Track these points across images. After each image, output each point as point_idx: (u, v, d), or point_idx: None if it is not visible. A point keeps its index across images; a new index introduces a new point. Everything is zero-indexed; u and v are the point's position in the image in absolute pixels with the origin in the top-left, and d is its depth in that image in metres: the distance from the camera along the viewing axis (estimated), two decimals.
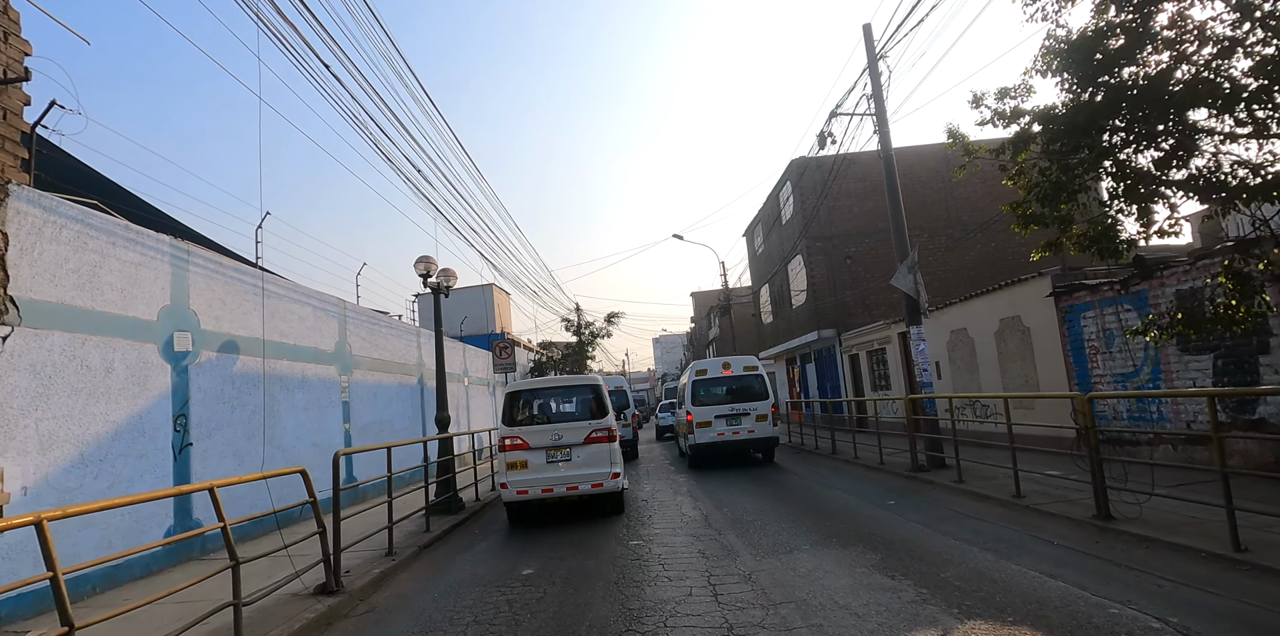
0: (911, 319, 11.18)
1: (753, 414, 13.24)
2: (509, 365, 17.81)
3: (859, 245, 21.37)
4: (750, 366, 13.97)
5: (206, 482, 4.50)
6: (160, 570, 7.04)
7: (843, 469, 12.25)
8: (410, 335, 15.85)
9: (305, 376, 10.55)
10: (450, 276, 11.02)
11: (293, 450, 9.86)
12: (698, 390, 13.71)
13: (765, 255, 27.68)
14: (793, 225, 22.77)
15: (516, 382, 10.70)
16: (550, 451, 8.40)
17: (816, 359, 23.51)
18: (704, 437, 13.25)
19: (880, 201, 21.34)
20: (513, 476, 8.35)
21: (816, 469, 12.58)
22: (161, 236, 7.71)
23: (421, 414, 16.16)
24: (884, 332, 16.96)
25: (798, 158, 21.80)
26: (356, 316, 12.88)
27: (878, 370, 17.92)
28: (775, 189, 24.72)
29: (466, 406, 20.35)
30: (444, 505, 9.81)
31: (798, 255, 22.37)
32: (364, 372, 12.89)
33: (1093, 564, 5.17)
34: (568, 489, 8.29)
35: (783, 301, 25.42)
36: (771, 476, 12.00)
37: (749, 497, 9.68)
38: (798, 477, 11.61)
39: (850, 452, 13.64)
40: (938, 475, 9.83)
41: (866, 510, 8.10)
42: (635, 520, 8.55)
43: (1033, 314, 10.92)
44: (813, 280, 21.22)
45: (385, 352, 14.07)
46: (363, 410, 12.62)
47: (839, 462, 13.15)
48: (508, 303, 41.99)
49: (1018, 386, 11.48)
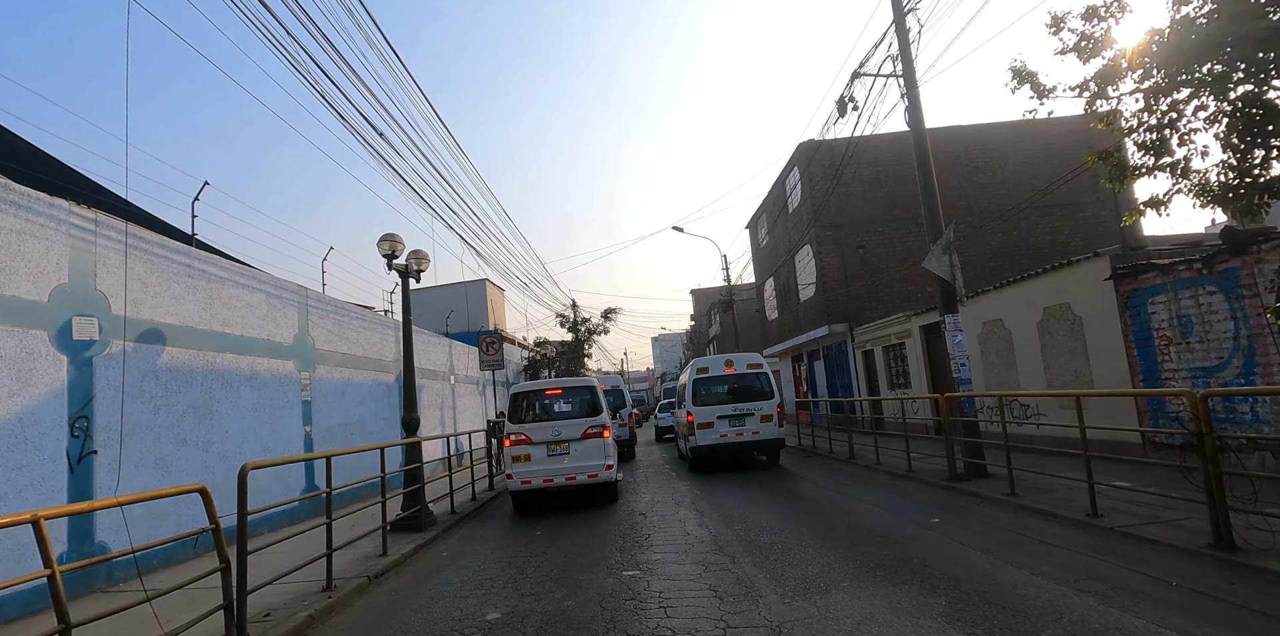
0: (946, 306, 9.87)
1: (757, 414, 12.41)
2: (496, 361, 16.49)
3: (872, 234, 20.05)
4: (754, 364, 13.01)
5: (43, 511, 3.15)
6: (43, 610, 5.70)
7: (865, 476, 10.93)
8: (387, 329, 14.52)
9: (256, 372, 9.22)
10: (422, 259, 9.70)
11: (237, 457, 8.53)
12: (699, 389, 12.86)
13: (770, 247, 26.37)
14: (800, 214, 21.46)
15: (520, 384, 11.25)
16: (550, 446, 9.48)
17: (826, 356, 22.19)
18: (705, 439, 12.40)
19: (895, 188, 20.05)
20: (517, 468, 9.45)
21: (835, 476, 11.25)
22: (58, 201, 6.37)
23: (399, 414, 14.84)
24: (903, 326, 15.65)
25: (806, 141, 20.49)
26: (322, 306, 11.55)
27: (895, 366, 16.60)
28: (781, 176, 23.40)
29: (453, 406, 19.04)
30: (410, 521, 8.49)
31: (806, 245, 21.05)
32: (331, 369, 11.56)
33: (1251, 620, 3.85)
34: (566, 479, 9.37)
35: (789, 295, 24.10)
36: (784, 484, 10.68)
37: (763, 511, 8.37)
38: (815, 486, 10.29)
39: (870, 457, 12.34)
40: (981, 485, 8.52)
41: (907, 529, 6.78)
42: (631, 541, 7.23)
43: (1086, 300, 9.61)
44: (822, 272, 19.91)
45: (356, 347, 12.74)
46: (328, 410, 11.29)
47: (859, 469, 11.83)
48: (502, 299, 40.68)
49: (1065, 383, 10.17)
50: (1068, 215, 20.07)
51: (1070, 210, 20.01)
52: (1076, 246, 20.16)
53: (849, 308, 19.74)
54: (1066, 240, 20.05)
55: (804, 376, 24.54)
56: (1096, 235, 20.03)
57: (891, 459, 11.90)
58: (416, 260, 9.70)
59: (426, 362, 16.84)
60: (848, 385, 20.31)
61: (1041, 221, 20.07)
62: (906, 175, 20.20)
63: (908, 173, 20.54)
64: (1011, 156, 20.27)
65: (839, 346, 20.79)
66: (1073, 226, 20.11)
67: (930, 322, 14.40)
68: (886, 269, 19.81)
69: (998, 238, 19.93)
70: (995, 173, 20.24)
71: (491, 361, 16.50)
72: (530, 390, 10.34)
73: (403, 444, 8.78)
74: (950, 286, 9.78)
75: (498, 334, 16.79)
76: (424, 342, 16.76)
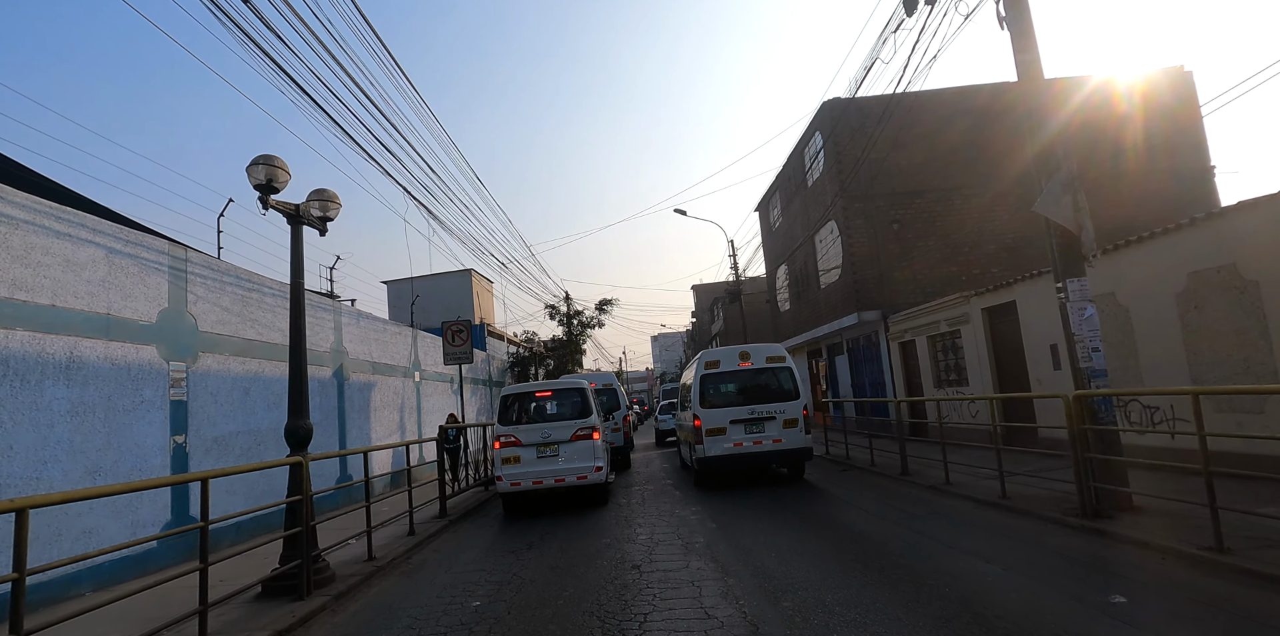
0: (1067, 268, 7.04)
1: (779, 418, 10.29)
2: (464, 354, 13.69)
3: (909, 207, 17.22)
4: (775, 357, 10.80)
5: None
6: None
7: (941, 505, 8.09)
8: (321, 311, 11.68)
9: (78, 360, 6.39)
10: (328, 204, 6.89)
11: (31, 485, 5.71)
12: (708, 387, 10.72)
13: (784, 230, 23.54)
14: (823, 186, 18.63)
15: (511, 386, 11.20)
16: (540, 447, 9.52)
17: (851, 349, 19.35)
18: (716, 449, 10.31)
19: (936, 153, 17.16)
20: (507, 469, 9.50)
21: (895, 503, 8.43)
22: None
23: (340, 418, 12.00)
24: (958, 310, 12.81)
25: (831, 100, 17.66)
26: (211, 275, 8.72)
27: (946, 360, 13.77)
28: (799, 144, 20.57)
29: (416, 408, 16.21)
30: (286, 582, 5.66)
31: (830, 222, 18.22)
32: (226, 359, 8.74)
33: None
34: (555, 481, 9.39)
35: (807, 282, 21.28)
36: (828, 514, 7.86)
37: (817, 568, 5.54)
38: (874, 520, 7.46)
39: (929, 473, 9.58)
40: (1141, 527, 5.72)
41: (1086, 623, 3.95)
42: (616, 628, 4.40)
43: (1267, 259, 6.78)
44: (850, 251, 17.07)
45: (272, 332, 9.92)
46: (220, 414, 8.47)
47: (923, 491, 9.01)
48: (489, 292, 37.82)
49: (1226, 375, 7.34)
50: (1134, 185, 17.23)
51: (1137, 179, 17.18)
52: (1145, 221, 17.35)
53: (881, 293, 16.91)
54: (1133, 213, 17.22)
55: (823, 374, 21.72)
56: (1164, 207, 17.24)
57: (963, 477, 9.11)
58: (321, 204, 6.88)
59: (380, 355, 14.02)
60: (878, 383, 17.48)
61: (1103, 192, 17.21)
62: (950, 138, 17.42)
63: (951, 134, 17.76)
64: (1084, 111, 17.40)
65: (868, 338, 17.95)
66: (1139, 197, 17.26)
67: (997, 304, 11.57)
68: (926, 247, 16.98)
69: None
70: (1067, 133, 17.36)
71: (458, 353, 13.69)
72: (520, 392, 10.34)
73: (271, 466, 5.92)
74: (1071, 239, 6.96)
75: (469, 323, 13.96)
76: (375, 331, 13.93)
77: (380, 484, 13.43)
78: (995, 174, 17.23)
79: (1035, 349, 10.46)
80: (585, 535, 7.78)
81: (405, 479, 11.36)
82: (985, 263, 16.89)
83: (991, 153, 17.26)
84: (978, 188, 17.17)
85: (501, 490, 9.54)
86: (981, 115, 17.35)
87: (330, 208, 6.96)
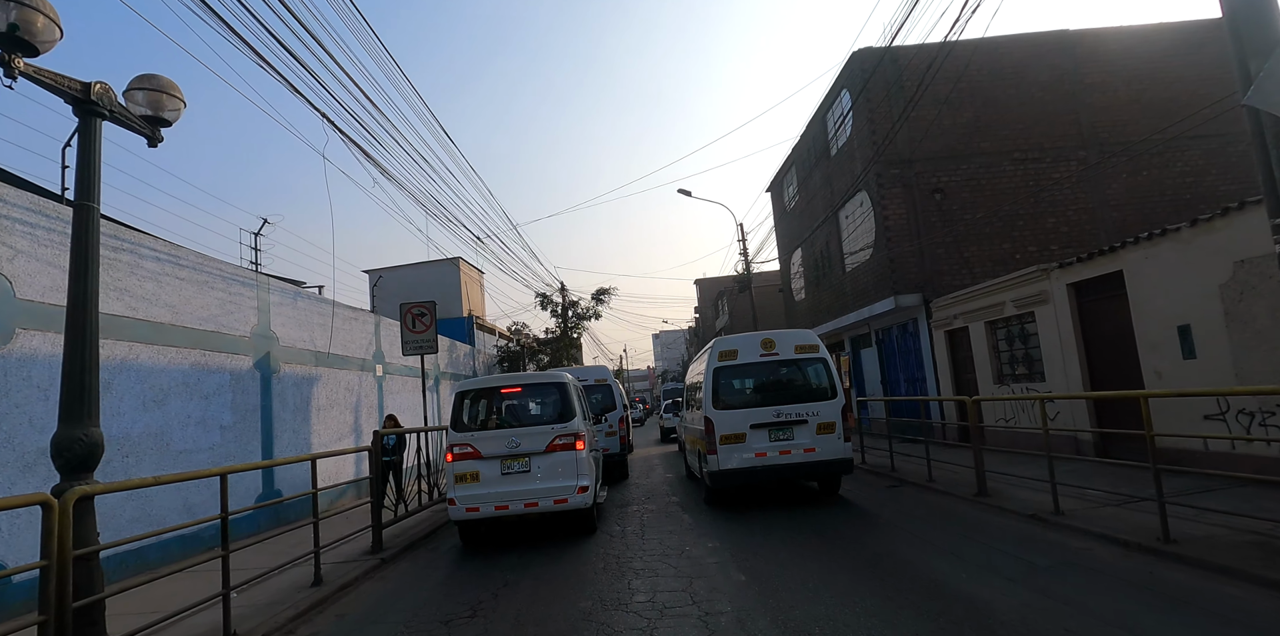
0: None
1: (812, 422, 8.34)
2: (426, 343, 11.30)
3: (952, 174, 14.79)
4: (806, 345, 8.79)
5: None
6: None
7: (1065, 548, 5.69)
8: (240, 285, 9.30)
9: None
10: (161, 97, 4.52)
11: None
12: (722, 384, 8.68)
13: (801, 208, 21.12)
14: (850, 153, 16.21)
15: (469, 380, 8.31)
16: (506, 461, 7.29)
17: (882, 341, 16.94)
18: (733, 460, 8.29)
19: (984, 110, 14.66)
20: (461, 490, 7.23)
21: (984, 539, 6.03)
22: None
23: (265, 420, 9.63)
24: (1033, 287, 10.38)
25: (861, 50, 15.23)
26: (39, 223, 6.31)
27: (1011, 350, 11.34)
28: (821, 108, 18.13)
29: (379, 406, 13.84)
30: None
31: (861, 193, 15.79)
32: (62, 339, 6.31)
33: None
34: (525, 505, 7.17)
35: (829, 266, 18.86)
36: (907, 559, 5.46)
37: None
38: (977, 571, 5.07)
39: (1027, 498, 7.18)
40: None
41: None
42: None
43: None
44: (886, 224, 14.65)
45: (156, 307, 7.55)
46: (50, 416, 6.05)
47: (1023, 524, 6.61)
48: (479, 283, 35.39)
49: None
50: (1215, 150, 14.81)
51: (1220, 143, 14.75)
52: (1227, 192, 14.95)
53: (921, 273, 14.49)
54: (1214, 182, 14.83)
55: (846, 369, 19.31)
56: (1253, 177, 14.81)
57: (1075, 504, 6.76)
58: (150, 96, 4.51)
59: (328, 344, 11.63)
60: (915, 379, 15.07)
61: (1180, 157, 14.81)
62: (1000, 93, 14.99)
63: (1001, 89, 15.33)
64: (1138, 70, 15.00)
65: (905, 326, 15.53)
66: (1221, 164, 14.85)
67: (1091, 278, 9.16)
68: (973, 221, 14.55)
69: (1121, 179, 14.70)
70: (1116, 92, 14.97)
71: (419, 342, 11.30)
72: (481, 388, 8.04)
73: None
74: None
75: (433, 305, 11.57)
76: (321, 314, 11.55)
77: (327, 498, 11.06)
78: (1056, 134, 14.81)
79: (1153, 332, 8.06)
80: (558, 590, 5.42)
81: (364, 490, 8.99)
82: (1043, 238, 14.48)
83: (1051, 110, 14.84)
84: (1035, 151, 14.74)
85: (455, 517, 7.28)
86: (1041, 68, 14.93)
87: (165, 104, 4.57)
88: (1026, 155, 14.74)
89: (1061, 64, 15.01)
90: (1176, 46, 15.02)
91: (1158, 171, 14.70)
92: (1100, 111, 14.90)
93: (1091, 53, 15.05)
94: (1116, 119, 14.85)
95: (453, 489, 7.28)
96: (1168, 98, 14.84)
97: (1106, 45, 15.07)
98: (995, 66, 14.87)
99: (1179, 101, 14.76)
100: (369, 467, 7.67)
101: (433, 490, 10.15)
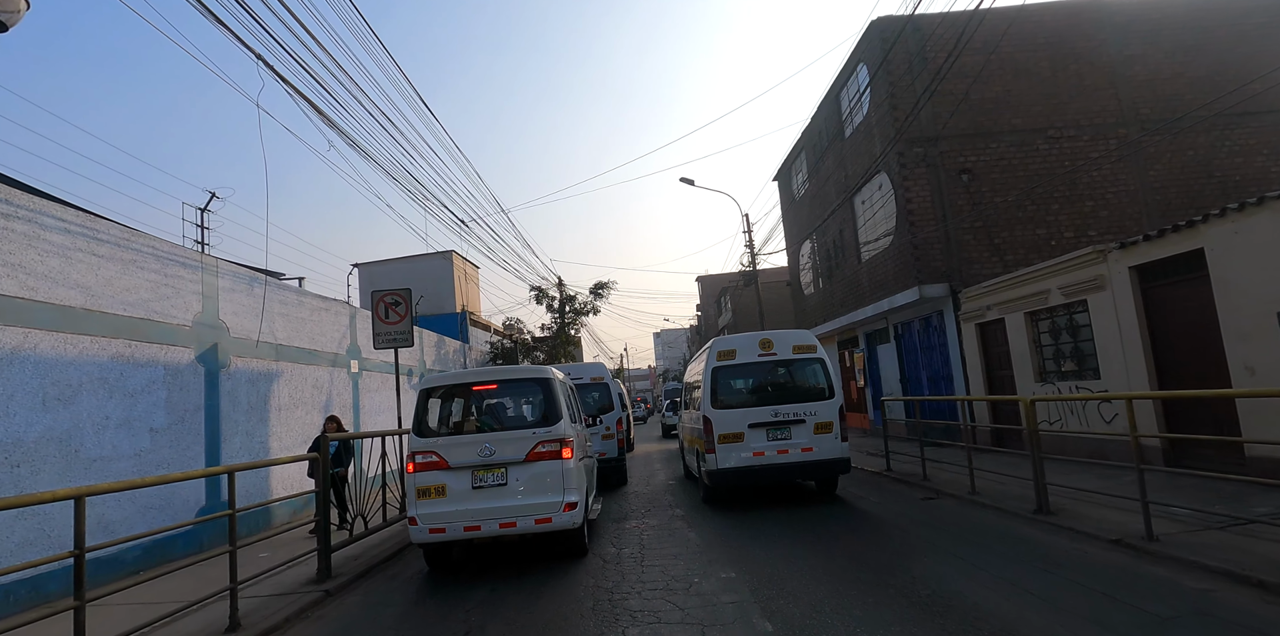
0: None
1: (810, 422, 8.50)
2: (400, 335, 10.09)
3: (982, 152, 13.56)
4: (804, 345, 8.94)
5: None
6: None
7: (1186, 593, 4.47)
8: (178, 265, 8.07)
9: None
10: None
11: None
12: (720, 383, 8.84)
13: (812, 196, 19.89)
14: (868, 132, 14.98)
15: (434, 376, 7.41)
16: (478, 472, 6.14)
17: (901, 335, 15.71)
18: (731, 459, 8.47)
19: (1015, 84, 13.37)
20: (425, 507, 6.05)
21: (1069, 575, 4.83)
22: None
23: (210, 421, 8.43)
24: (1086, 272, 9.13)
25: (880, 18, 14.01)
26: None
27: (1057, 343, 10.10)
28: (834, 86, 16.89)
29: (354, 406, 12.66)
30: None
31: (880, 175, 14.56)
32: None
33: None
34: (501, 525, 6.01)
35: (842, 257, 17.63)
36: (984, 605, 4.24)
37: None
38: (1082, 624, 3.84)
39: (1099, 517, 5.99)
40: None
41: None
42: None
43: None
44: (909, 208, 13.42)
45: (64, 288, 6.35)
46: None
47: (1114, 553, 5.40)
48: (474, 278, 34.15)
49: None
50: (1266, 128, 13.58)
51: (1273, 120, 13.53)
52: (1279, 173, 13.73)
53: (947, 261, 13.26)
54: (1264, 163, 13.59)
55: (860, 367, 18.08)
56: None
57: (1165, 526, 5.57)
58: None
59: (292, 336, 10.46)
60: (941, 376, 13.85)
61: (1229, 136, 13.57)
62: (1032, 64, 13.77)
63: (1034, 60, 14.07)
64: (1182, 41, 13.77)
65: (928, 320, 14.31)
66: (1274, 143, 13.62)
67: (1161, 259, 7.93)
68: (1003, 203, 13.32)
69: (1165, 158, 13.46)
70: (1159, 64, 13.74)
71: (392, 334, 10.08)
72: (448, 385, 6.95)
73: None
74: None
75: (409, 292, 10.36)
76: (284, 303, 10.35)
77: (286, 510, 9.86)
78: (1093, 110, 13.57)
79: (1244, 320, 6.83)
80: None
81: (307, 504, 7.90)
82: (1081, 223, 13.24)
83: (1088, 84, 13.60)
84: (1070, 128, 13.51)
85: (416, 540, 6.11)
86: (1076, 38, 13.70)
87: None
88: (1062, 133, 13.50)
89: (1099, 34, 13.78)
90: (1223, 15, 13.80)
91: (1204, 151, 13.46)
92: (1141, 85, 13.66)
93: (1131, 22, 13.82)
94: (1159, 93, 13.61)
95: (414, 505, 6.13)
96: (1214, 71, 13.61)
97: (1148, 14, 13.84)
98: (1027, 36, 13.63)
99: (1226, 75, 13.53)
100: (315, 479, 6.45)
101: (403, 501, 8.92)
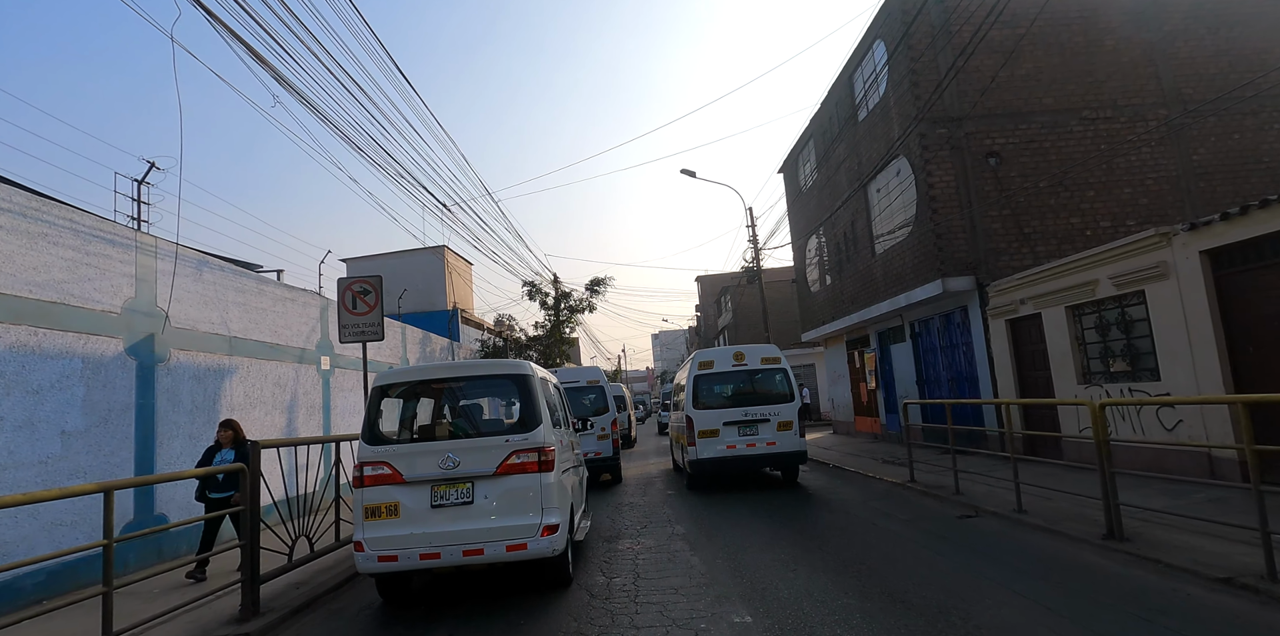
0: None
1: (773, 420, 10.19)
2: (370, 328, 9.00)
3: (1011, 134, 12.49)
4: (770, 357, 10.65)
5: None
6: None
7: None
8: (105, 243, 6.96)
9: None
10: None
11: None
12: (701, 388, 10.55)
13: (822, 185, 18.81)
14: (885, 114, 13.91)
15: (389, 371, 5.73)
16: (439, 487, 5.07)
17: (919, 333, 14.62)
18: (709, 451, 10.16)
19: (1046, 61, 12.24)
20: (374, 530, 4.98)
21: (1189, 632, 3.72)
22: None
23: (143, 423, 7.32)
24: (1144, 258, 8.03)
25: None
26: None
27: (1105, 340, 9.00)
28: (846, 68, 15.83)
29: (324, 407, 11.57)
30: None
31: (899, 159, 13.48)
32: None
33: None
34: (465, 552, 4.91)
35: (854, 250, 16.54)
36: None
37: None
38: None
39: (1184, 545, 4.93)
40: None
41: None
42: None
43: None
44: (932, 194, 12.34)
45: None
46: None
47: (1231, 597, 4.30)
48: (468, 274, 33.02)
49: None
50: None
51: None
52: None
53: (973, 252, 12.19)
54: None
55: (872, 367, 16.99)
56: None
57: (1255, 555, 4.44)
58: None
59: (250, 328, 9.36)
60: (965, 377, 12.77)
61: (1278, 119, 12.52)
62: (1066, 40, 12.70)
63: (1067, 35, 12.98)
64: (1226, 16, 12.72)
65: (950, 316, 13.23)
66: None
67: (1233, 243, 6.85)
68: (1035, 190, 12.24)
69: (1209, 142, 12.40)
70: (1202, 40, 12.69)
71: (361, 327, 8.98)
72: (406, 382, 5.70)
73: None
74: None
75: (379, 279, 9.26)
76: (240, 291, 9.24)
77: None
78: (1131, 89, 12.51)
79: None
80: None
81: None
82: (1119, 211, 12.17)
83: (1126, 61, 12.55)
84: (1107, 108, 12.44)
85: (364, 569, 5.04)
86: (1113, 12, 12.65)
87: None
88: (1097, 114, 12.44)
89: (1137, 7, 12.72)
90: None
91: (1253, 134, 12.40)
92: (1183, 63, 12.60)
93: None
94: (1202, 71, 12.55)
95: (361, 527, 5.06)
96: (1262, 48, 12.57)
97: None
98: (1059, 9, 12.58)
99: (1275, 52, 12.50)
100: (244, 496, 5.32)
101: None
